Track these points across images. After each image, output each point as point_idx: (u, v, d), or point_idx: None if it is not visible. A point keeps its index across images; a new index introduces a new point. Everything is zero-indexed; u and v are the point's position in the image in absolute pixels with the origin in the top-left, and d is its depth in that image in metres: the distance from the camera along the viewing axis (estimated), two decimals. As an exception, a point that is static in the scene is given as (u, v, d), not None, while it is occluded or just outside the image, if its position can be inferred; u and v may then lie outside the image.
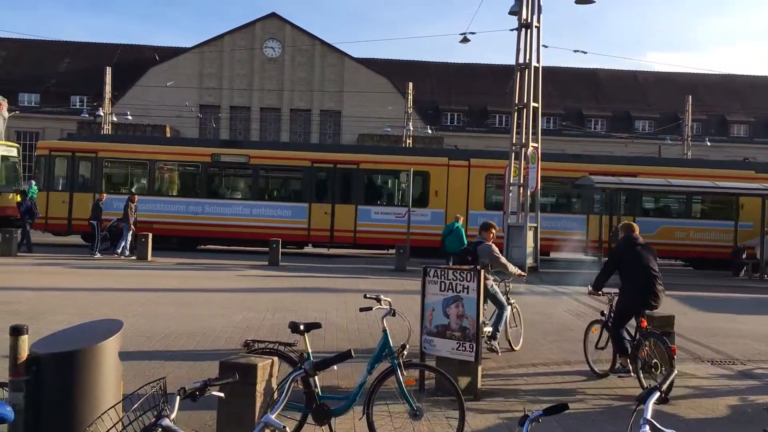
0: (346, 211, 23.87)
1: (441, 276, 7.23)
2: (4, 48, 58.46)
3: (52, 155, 24.59)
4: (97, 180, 24.42)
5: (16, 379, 3.11)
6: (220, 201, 24.42)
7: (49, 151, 24.77)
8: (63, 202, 23.88)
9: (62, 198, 23.93)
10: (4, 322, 9.79)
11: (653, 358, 7.43)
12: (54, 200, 23.89)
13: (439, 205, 23.96)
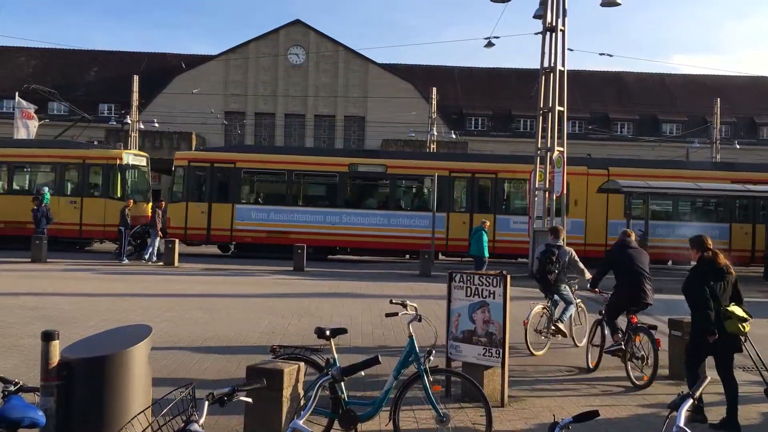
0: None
1: (467, 281, 7.19)
2: (34, 58, 59.51)
3: (191, 166, 24.69)
4: (235, 190, 24.45)
5: (48, 384, 3.15)
6: (358, 211, 24.21)
7: (188, 161, 24.86)
8: (201, 212, 23.98)
9: (201, 209, 24.02)
10: (35, 328, 9.97)
11: (641, 351, 8.14)
12: (193, 211, 23.99)
13: (579, 214, 23.38)
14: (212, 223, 24.03)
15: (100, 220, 24.20)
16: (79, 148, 26.63)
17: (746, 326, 6.47)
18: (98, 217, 24.13)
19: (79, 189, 25.08)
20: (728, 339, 6.44)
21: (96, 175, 25.33)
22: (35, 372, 7.31)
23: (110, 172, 24.91)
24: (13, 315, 11.13)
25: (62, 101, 36.74)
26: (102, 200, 24.48)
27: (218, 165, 24.58)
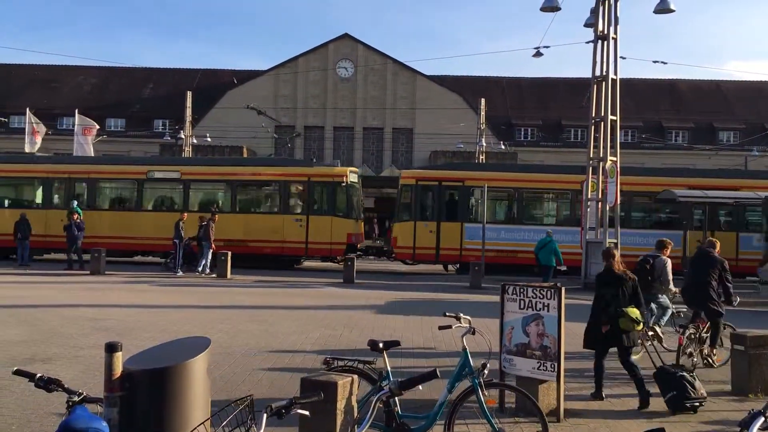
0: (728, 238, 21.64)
1: (520, 294, 7.09)
2: (92, 76, 61.44)
3: (419, 184, 24.54)
4: (465, 209, 24.25)
5: (111, 395, 3.21)
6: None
7: (416, 180, 24.65)
8: (430, 231, 23.96)
9: (429, 228, 23.99)
10: (94, 338, 10.23)
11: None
12: (421, 230, 23.94)
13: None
14: (441, 242, 23.75)
15: (326, 238, 24.06)
16: (302, 166, 26.82)
17: (638, 327, 7.69)
18: (324, 235, 23.98)
19: (305, 207, 25.05)
20: (619, 333, 7.70)
21: (321, 192, 24.97)
22: (95, 381, 7.49)
23: (336, 189, 24.83)
24: (73, 326, 11.44)
25: (269, 116, 37.85)
26: (328, 218, 24.27)
27: (446, 183, 24.27)
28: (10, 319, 11.98)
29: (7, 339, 10.19)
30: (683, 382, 7.26)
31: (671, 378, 7.36)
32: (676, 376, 7.35)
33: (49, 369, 8.14)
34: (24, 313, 12.73)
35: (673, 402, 7.27)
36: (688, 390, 7.21)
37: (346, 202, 24.95)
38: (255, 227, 24.63)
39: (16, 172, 26.69)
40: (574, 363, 9.20)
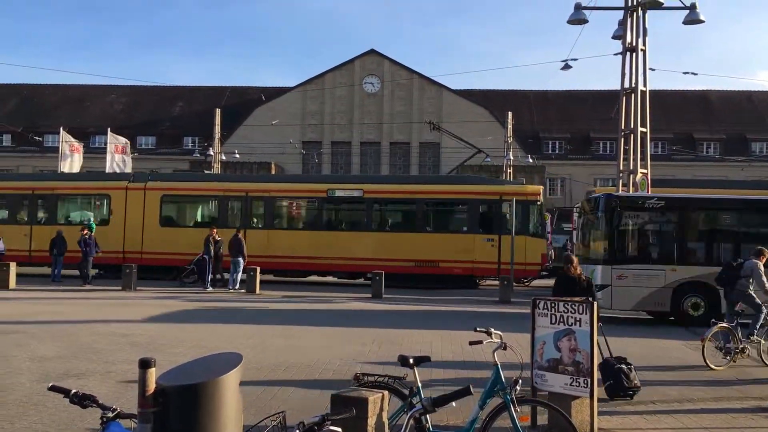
0: None
1: (551, 308, 7.00)
2: (124, 95, 62.57)
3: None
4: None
5: (145, 411, 3.22)
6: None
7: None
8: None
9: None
10: (126, 354, 10.33)
11: None
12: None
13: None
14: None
15: (520, 258, 23.13)
16: (493, 184, 26.36)
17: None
18: (518, 255, 22.90)
19: (497, 226, 24.21)
20: None
21: (514, 211, 23.01)
22: (127, 397, 7.55)
23: (530, 208, 24.24)
24: (105, 341, 11.57)
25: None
26: (522, 238, 23.26)
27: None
28: (44, 334, 12.16)
29: (42, 355, 10.34)
30: (620, 373, 8.18)
31: (610, 369, 8.26)
32: (614, 368, 8.26)
33: (83, 384, 8.22)
34: (57, 328, 12.91)
35: (609, 390, 8.22)
36: (623, 380, 8.15)
37: (539, 222, 24.53)
38: (443, 247, 24.01)
39: (197, 190, 26.29)
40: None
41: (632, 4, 19.63)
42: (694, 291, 15.67)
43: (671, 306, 15.67)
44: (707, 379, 9.74)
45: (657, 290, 15.62)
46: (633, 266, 15.85)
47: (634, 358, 10.43)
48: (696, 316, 15.43)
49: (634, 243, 16.63)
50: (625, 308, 16.07)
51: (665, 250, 16.62)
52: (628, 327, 14.90)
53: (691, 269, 15.76)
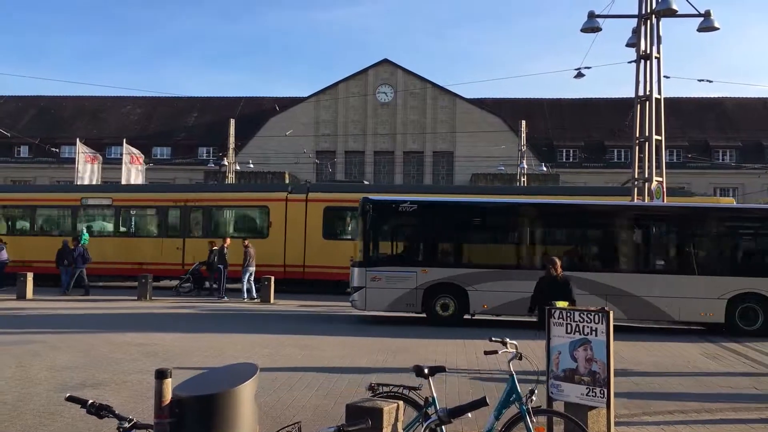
0: None
1: (567, 317, 6.96)
2: (138, 106, 63.12)
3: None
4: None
5: (161, 422, 3.23)
6: None
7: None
8: None
9: None
10: (141, 364, 10.37)
11: None
12: None
13: None
14: None
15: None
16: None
17: None
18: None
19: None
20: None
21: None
22: (144, 407, 7.58)
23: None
24: (121, 351, 11.63)
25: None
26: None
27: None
28: (61, 344, 12.24)
29: (58, 365, 10.41)
30: None
31: None
32: None
33: (99, 395, 8.27)
34: (74, 338, 13.00)
35: None
36: None
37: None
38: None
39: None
40: (623, 388, 8.97)
41: (646, 12, 19.56)
42: (444, 292, 16.14)
43: (422, 307, 16.11)
44: (724, 386, 9.63)
45: (409, 291, 16.05)
46: (386, 268, 16.29)
47: (646, 365, 10.35)
48: (446, 316, 15.96)
49: (387, 246, 17.13)
50: (378, 309, 16.44)
51: (417, 253, 17.10)
52: (640, 333, 14.80)
53: (441, 271, 16.23)
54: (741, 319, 15.19)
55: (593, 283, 15.37)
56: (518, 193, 27.23)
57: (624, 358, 11.24)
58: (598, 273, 15.75)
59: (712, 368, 11.05)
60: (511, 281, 15.57)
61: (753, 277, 15.42)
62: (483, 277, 15.95)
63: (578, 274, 15.01)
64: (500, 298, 15.66)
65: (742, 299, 15.14)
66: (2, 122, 50.46)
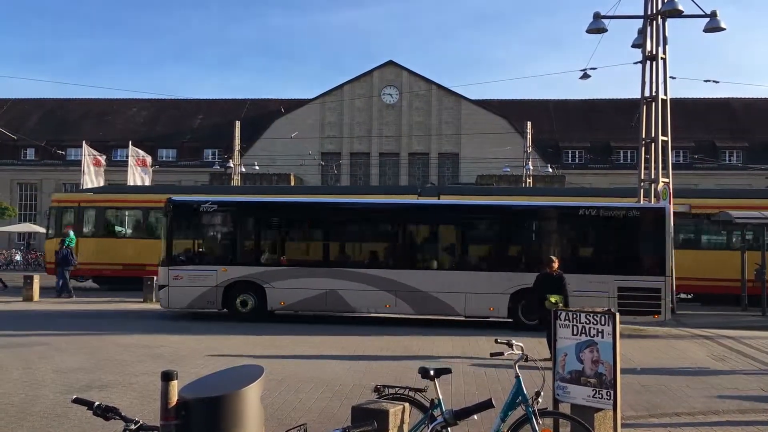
0: None
1: (573, 319, 6.94)
2: (144, 108, 63.25)
3: None
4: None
5: (167, 424, 3.24)
6: None
7: None
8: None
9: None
10: (147, 366, 10.38)
11: None
12: None
13: None
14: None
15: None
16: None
17: (558, 306, 10.64)
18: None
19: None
20: (549, 312, 10.06)
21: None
22: (150, 408, 7.59)
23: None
24: (128, 353, 11.66)
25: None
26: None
27: None
28: (67, 346, 12.27)
29: (65, 366, 10.44)
30: None
31: None
32: None
33: (105, 396, 8.28)
34: (81, 340, 13.03)
35: None
36: None
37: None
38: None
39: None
40: (629, 390, 8.94)
41: (652, 13, 19.52)
42: (244, 289, 16.56)
43: (223, 304, 16.60)
44: (731, 387, 9.59)
45: (209, 289, 16.50)
46: (188, 267, 16.73)
47: (653, 367, 10.32)
48: (245, 312, 16.42)
49: (189, 245, 17.51)
50: (181, 307, 16.82)
51: (217, 252, 17.57)
52: (647, 335, 14.75)
53: (240, 269, 16.69)
54: (525, 313, 15.63)
55: (383, 280, 16.08)
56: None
57: (630, 360, 11.21)
58: (387, 270, 16.31)
59: (719, 369, 11.00)
60: (305, 279, 16.34)
61: (533, 272, 15.70)
62: (279, 275, 16.51)
63: (368, 271, 16.19)
64: (296, 294, 16.31)
65: (524, 294, 15.50)
66: (9, 125, 50.60)
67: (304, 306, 16.61)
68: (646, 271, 15.67)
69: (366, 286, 16.10)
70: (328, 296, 16.21)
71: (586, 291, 14.98)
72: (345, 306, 16.28)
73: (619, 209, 16.54)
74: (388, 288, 16.03)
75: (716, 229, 23.63)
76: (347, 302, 16.20)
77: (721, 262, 21.99)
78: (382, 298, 15.99)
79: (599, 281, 15.41)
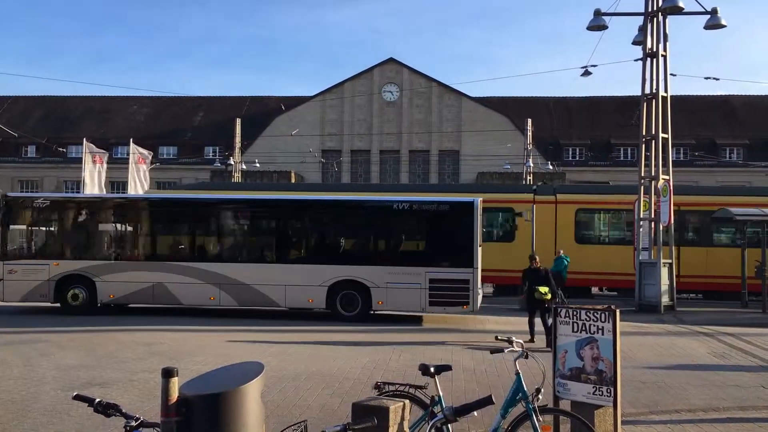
0: None
1: (573, 316, 6.94)
2: (145, 106, 63.23)
3: None
4: None
5: (168, 420, 3.24)
6: None
7: None
8: None
9: None
10: (149, 363, 10.40)
11: None
12: None
13: None
14: None
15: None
16: None
17: (546, 296, 12.88)
18: None
19: None
20: (537, 301, 13.05)
21: None
22: (150, 405, 7.61)
23: None
24: (129, 350, 11.68)
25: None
26: None
27: None
28: (69, 343, 12.29)
29: (66, 363, 10.45)
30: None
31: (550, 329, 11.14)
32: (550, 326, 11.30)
33: (106, 393, 8.30)
34: (81, 337, 13.05)
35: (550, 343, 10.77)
36: None
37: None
38: None
39: (612, 203, 23.74)
40: (629, 387, 8.95)
41: (652, 10, 19.52)
42: (75, 283, 16.98)
43: (55, 297, 16.95)
44: (731, 384, 9.59)
45: (42, 283, 16.90)
46: (22, 261, 17.19)
47: (653, 364, 10.34)
48: (76, 306, 16.78)
49: (24, 240, 18.13)
50: (15, 300, 17.19)
51: (50, 246, 17.89)
52: (647, 332, 14.75)
53: (71, 263, 17.12)
54: (342, 304, 16.27)
55: (207, 273, 16.67)
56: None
57: (630, 357, 11.22)
58: (211, 263, 16.95)
59: (720, 366, 11.01)
60: (133, 272, 16.91)
61: (350, 265, 16.50)
62: (109, 268, 17.00)
63: (193, 265, 16.83)
64: (125, 288, 16.83)
65: (342, 286, 16.24)
66: (10, 122, 50.54)
67: (133, 299, 17.08)
68: (456, 263, 16.02)
69: (191, 279, 16.67)
70: (155, 289, 16.74)
71: (401, 283, 15.97)
72: (172, 299, 16.77)
73: (430, 204, 16.93)
74: (213, 281, 16.59)
75: (724, 227, 23.61)
76: (174, 295, 16.73)
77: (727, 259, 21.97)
78: (207, 291, 16.54)
79: (413, 273, 15.99)
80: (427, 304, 15.94)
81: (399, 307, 16.35)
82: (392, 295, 16.12)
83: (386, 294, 16.15)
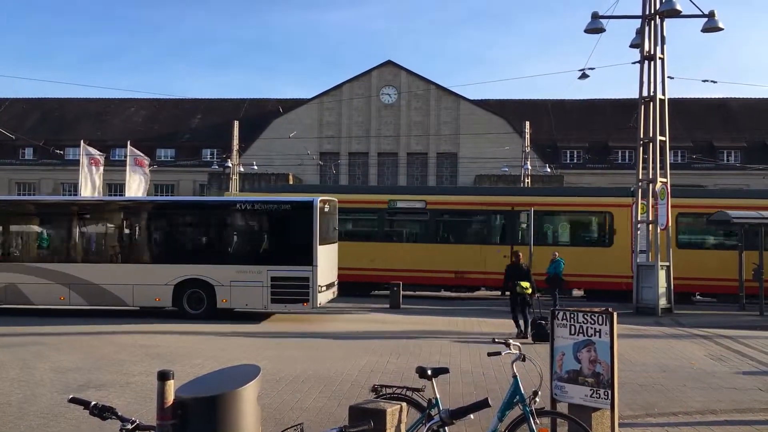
0: None
1: (570, 319, 6.94)
2: (142, 108, 63.18)
3: None
4: None
5: (164, 423, 3.23)
6: None
7: None
8: None
9: None
10: (145, 365, 10.38)
11: None
12: None
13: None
14: None
15: None
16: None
17: (527, 291, 14.08)
18: None
19: None
20: (519, 295, 14.16)
21: None
22: (146, 408, 7.59)
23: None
24: (125, 353, 11.65)
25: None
26: None
27: None
28: (65, 346, 12.26)
29: (62, 366, 10.42)
30: (541, 325, 13.02)
31: (534, 323, 13.70)
32: (536, 321, 13.61)
33: (102, 396, 8.28)
34: (78, 340, 13.02)
35: (535, 336, 13.25)
36: (544, 328, 12.21)
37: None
38: None
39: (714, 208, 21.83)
40: (627, 389, 8.95)
41: (650, 13, 19.54)
42: None
43: None
44: (729, 387, 9.59)
45: None
46: None
47: (650, 366, 10.34)
48: None
49: None
50: None
51: None
52: (644, 335, 14.76)
53: None
54: (189, 303, 16.66)
55: (57, 273, 16.93)
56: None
57: (628, 359, 11.21)
58: (61, 264, 17.17)
59: (717, 369, 11.01)
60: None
61: (195, 264, 16.83)
62: None
63: (43, 265, 17.15)
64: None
65: (188, 285, 16.61)
66: (7, 124, 50.50)
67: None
68: (296, 261, 16.35)
69: (42, 280, 16.90)
70: (7, 289, 16.91)
71: (244, 282, 16.39)
72: (24, 299, 16.94)
73: (271, 203, 17.39)
74: (62, 281, 16.81)
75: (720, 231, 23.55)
76: (26, 295, 16.91)
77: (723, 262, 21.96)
78: (57, 290, 16.78)
79: (255, 272, 16.38)
80: (269, 302, 16.37)
81: (242, 305, 16.65)
82: (236, 293, 16.50)
83: (230, 292, 16.52)
